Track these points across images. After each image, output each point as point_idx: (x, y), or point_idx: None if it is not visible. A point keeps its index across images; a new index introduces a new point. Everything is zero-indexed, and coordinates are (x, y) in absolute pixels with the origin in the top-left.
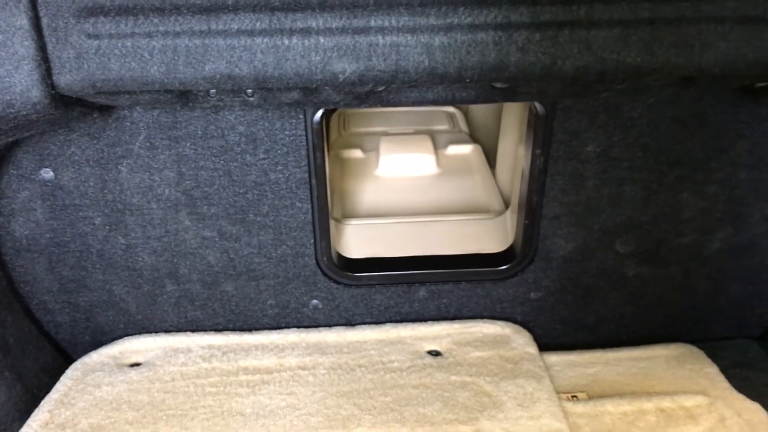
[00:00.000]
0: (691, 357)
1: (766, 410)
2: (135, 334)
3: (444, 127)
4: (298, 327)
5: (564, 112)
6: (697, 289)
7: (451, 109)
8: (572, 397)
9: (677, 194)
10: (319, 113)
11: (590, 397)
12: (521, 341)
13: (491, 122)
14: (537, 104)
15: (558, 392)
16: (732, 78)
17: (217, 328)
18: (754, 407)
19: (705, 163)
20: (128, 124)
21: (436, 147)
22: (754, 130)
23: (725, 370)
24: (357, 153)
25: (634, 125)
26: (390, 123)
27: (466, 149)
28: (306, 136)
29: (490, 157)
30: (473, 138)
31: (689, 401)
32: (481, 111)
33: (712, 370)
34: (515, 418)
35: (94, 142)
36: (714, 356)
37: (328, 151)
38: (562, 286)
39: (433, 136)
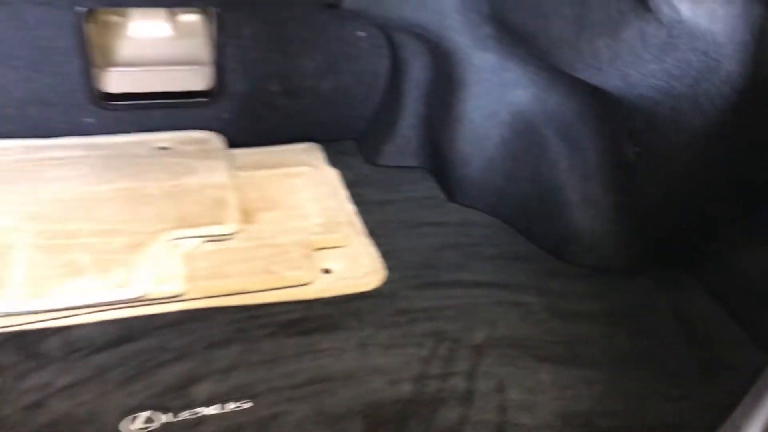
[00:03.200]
0: (311, 149)
1: (339, 172)
2: None
3: None
4: (80, 136)
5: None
6: (318, 114)
7: None
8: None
9: (299, 59)
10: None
11: (251, 169)
12: (215, 141)
13: None
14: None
15: (233, 168)
16: None
17: (27, 136)
18: (333, 171)
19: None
20: None
21: (175, 15)
22: None
23: (331, 155)
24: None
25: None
26: None
27: (195, 17)
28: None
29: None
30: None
31: (300, 169)
32: None
33: (321, 155)
34: (204, 179)
35: None
36: (328, 149)
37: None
38: (240, 110)
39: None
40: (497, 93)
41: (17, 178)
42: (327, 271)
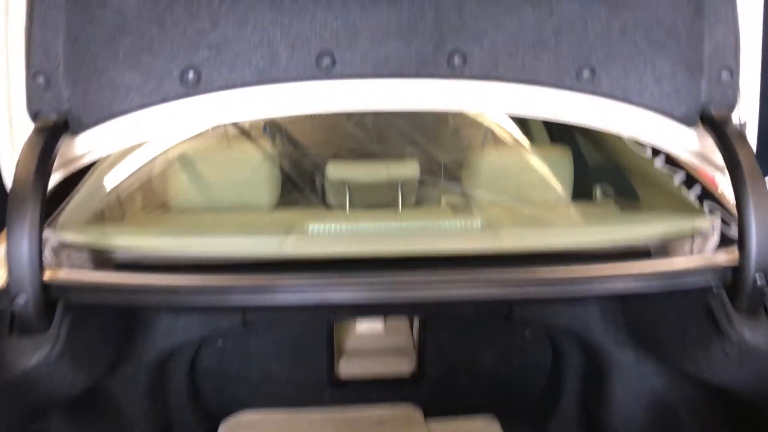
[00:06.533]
0: (490, 423)
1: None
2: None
3: None
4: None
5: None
6: (494, 391)
7: None
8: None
9: (480, 350)
10: None
11: None
12: (416, 413)
13: None
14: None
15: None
16: None
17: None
18: None
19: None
20: None
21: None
22: None
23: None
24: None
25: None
26: None
27: (402, 322)
28: None
29: None
30: None
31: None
32: None
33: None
34: None
35: None
36: (503, 422)
37: None
38: (434, 389)
39: None
40: (636, 381)
41: None
42: None
